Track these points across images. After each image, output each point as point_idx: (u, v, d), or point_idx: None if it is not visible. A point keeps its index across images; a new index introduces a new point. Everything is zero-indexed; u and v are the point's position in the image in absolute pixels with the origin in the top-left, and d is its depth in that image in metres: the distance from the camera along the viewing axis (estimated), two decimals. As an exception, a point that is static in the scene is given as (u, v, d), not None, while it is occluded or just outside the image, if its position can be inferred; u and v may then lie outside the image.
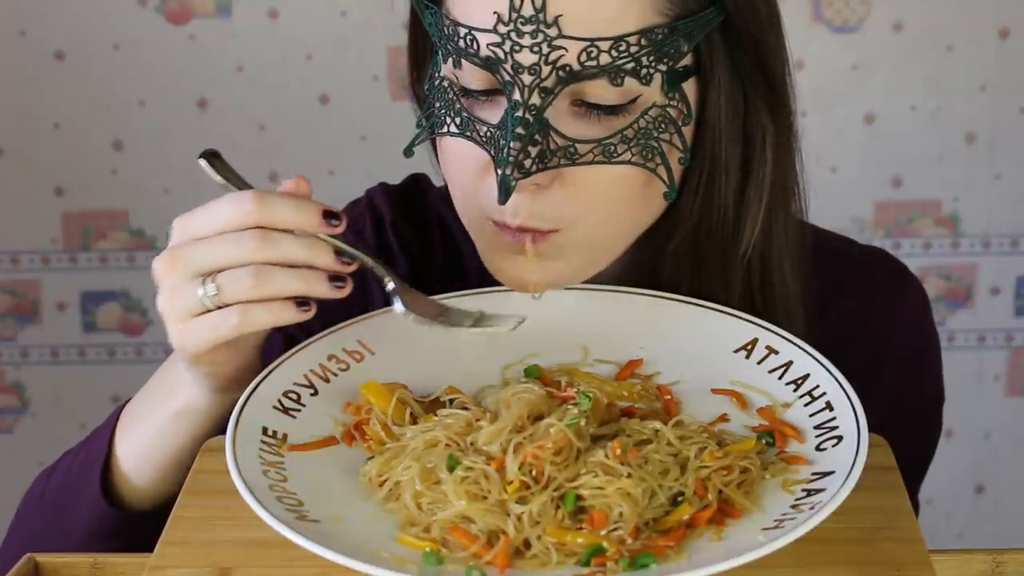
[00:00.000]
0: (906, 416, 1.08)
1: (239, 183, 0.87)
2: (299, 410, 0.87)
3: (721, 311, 0.94)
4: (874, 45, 2.05)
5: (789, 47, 0.97)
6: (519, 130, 0.86)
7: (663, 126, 0.89)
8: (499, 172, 0.86)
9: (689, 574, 0.70)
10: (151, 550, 0.90)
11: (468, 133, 0.90)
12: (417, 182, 1.12)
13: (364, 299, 1.03)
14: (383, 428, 0.85)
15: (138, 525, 0.94)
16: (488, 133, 0.88)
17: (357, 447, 0.85)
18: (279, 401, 0.87)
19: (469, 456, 0.79)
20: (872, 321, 1.07)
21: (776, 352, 0.90)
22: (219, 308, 0.83)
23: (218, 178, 0.87)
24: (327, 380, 0.90)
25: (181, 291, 0.83)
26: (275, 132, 2.09)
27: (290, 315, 0.83)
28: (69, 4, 2.02)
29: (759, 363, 0.90)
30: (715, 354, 0.92)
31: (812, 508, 0.75)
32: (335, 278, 0.84)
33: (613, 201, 0.90)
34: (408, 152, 0.95)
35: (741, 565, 0.71)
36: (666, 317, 0.95)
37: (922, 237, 2.14)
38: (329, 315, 0.96)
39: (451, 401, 0.88)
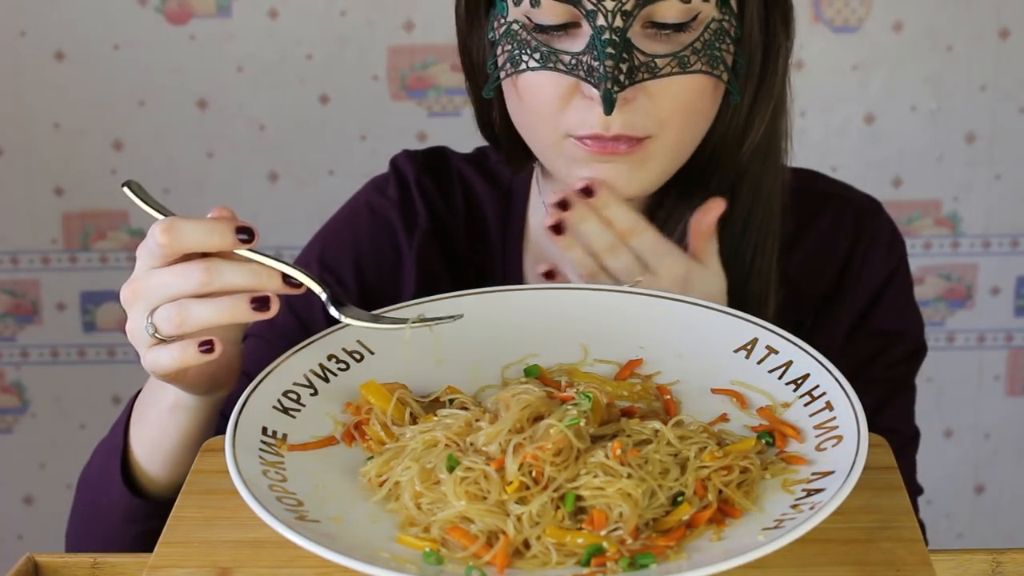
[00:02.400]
0: (871, 341, 1.15)
1: (160, 210, 0.89)
2: (299, 410, 0.87)
3: (721, 311, 0.94)
4: (874, 45, 2.05)
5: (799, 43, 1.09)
6: (610, 50, 0.97)
7: (722, 37, 1.01)
8: (601, 87, 0.97)
9: (689, 574, 0.70)
10: None
11: (550, 65, 0.99)
12: (440, 148, 1.21)
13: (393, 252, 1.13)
14: (383, 428, 0.85)
15: (163, 511, 0.96)
16: (572, 61, 0.98)
17: (357, 447, 0.85)
18: (279, 401, 0.87)
19: (469, 456, 0.79)
20: (838, 251, 1.15)
21: (776, 352, 0.90)
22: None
23: (143, 205, 0.89)
24: (327, 380, 0.90)
25: (137, 322, 0.89)
26: (275, 132, 2.09)
27: (193, 356, 0.87)
28: (69, 4, 2.02)
29: (759, 363, 0.90)
30: (715, 354, 0.92)
31: (812, 508, 0.75)
32: (259, 300, 0.86)
33: (690, 108, 1.01)
34: (488, 92, 1.05)
35: (741, 565, 0.71)
36: (666, 317, 0.95)
37: (922, 237, 2.14)
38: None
39: (451, 401, 0.88)
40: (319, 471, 0.82)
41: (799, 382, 0.88)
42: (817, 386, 0.86)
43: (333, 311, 0.89)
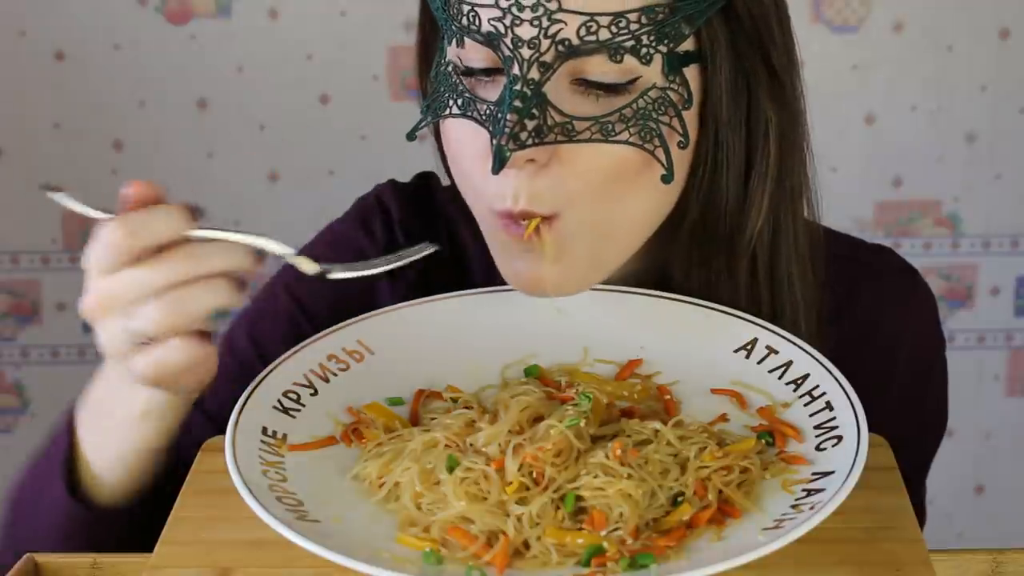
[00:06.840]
0: (911, 421, 1.08)
1: (93, 209, 0.84)
2: (299, 410, 0.87)
3: (721, 311, 0.94)
4: (874, 45, 2.05)
5: (799, 50, 0.97)
6: (517, 103, 0.85)
7: (663, 108, 0.88)
8: (494, 142, 0.85)
9: (689, 574, 0.70)
10: (115, 548, 0.89)
11: (469, 113, 0.89)
12: (426, 181, 1.12)
13: (370, 299, 1.03)
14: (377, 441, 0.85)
15: (105, 522, 0.92)
16: (488, 111, 0.88)
17: (357, 447, 0.85)
18: (279, 401, 0.87)
19: (469, 457, 0.79)
20: (883, 327, 1.06)
21: (776, 352, 0.90)
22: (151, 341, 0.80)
23: (80, 208, 0.84)
24: (327, 380, 0.90)
25: (113, 332, 0.81)
26: (275, 132, 2.09)
27: (200, 349, 0.80)
28: (69, 4, 2.02)
29: (759, 363, 0.90)
30: (715, 354, 0.92)
31: (812, 508, 0.75)
32: (239, 280, 0.80)
33: (611, 182, 0.89)
34: (411, 136, 0.95)
35: (741, 565, 0.71)
36: (666, 317, 0.95)
37: (922, 237, 2.14)
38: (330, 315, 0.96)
39: (454, 400, 0.88)
40: (319, 471, 0.82)
41: (799, 382, 0.88)
42: (817, 386, 0.86)
43: (309, 266, 0.81)
